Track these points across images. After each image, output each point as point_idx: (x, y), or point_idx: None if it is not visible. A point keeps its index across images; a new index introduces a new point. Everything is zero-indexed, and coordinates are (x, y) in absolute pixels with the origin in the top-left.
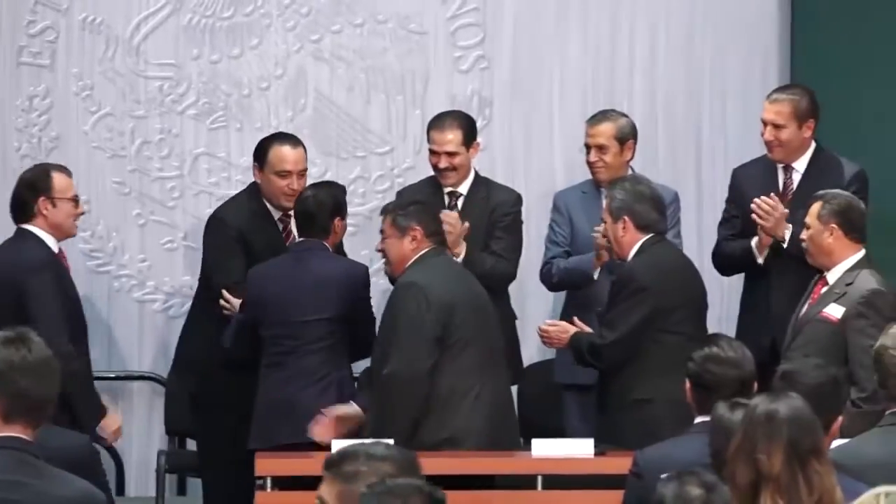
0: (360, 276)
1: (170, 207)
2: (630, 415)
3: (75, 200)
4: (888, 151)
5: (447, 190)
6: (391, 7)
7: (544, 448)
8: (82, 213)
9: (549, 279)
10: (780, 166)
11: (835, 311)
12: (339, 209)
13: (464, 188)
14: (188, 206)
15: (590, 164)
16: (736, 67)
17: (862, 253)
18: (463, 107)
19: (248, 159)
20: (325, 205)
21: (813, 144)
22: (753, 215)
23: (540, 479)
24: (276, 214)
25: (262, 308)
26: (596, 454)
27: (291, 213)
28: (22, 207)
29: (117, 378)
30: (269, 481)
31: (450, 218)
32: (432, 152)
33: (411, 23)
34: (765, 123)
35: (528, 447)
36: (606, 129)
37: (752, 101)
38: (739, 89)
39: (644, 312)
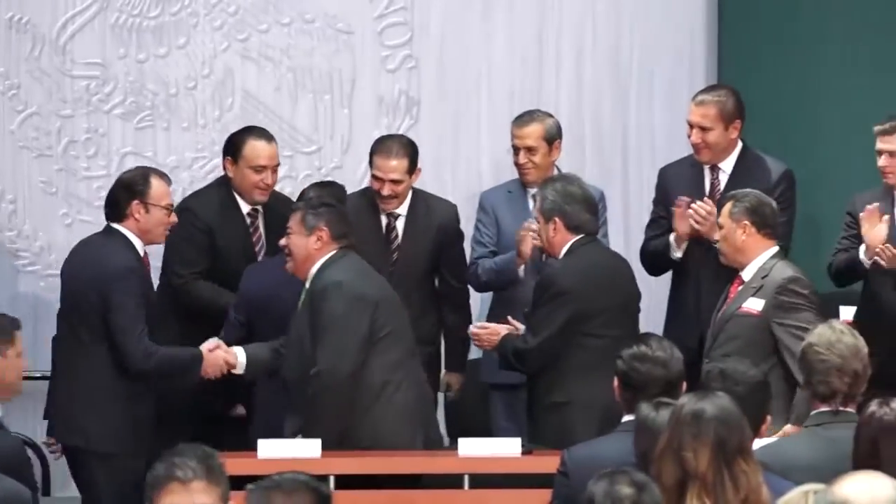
0: None
1: (97, 207)
2: (548, 417)
3: (169, 209)
4: (814, 151)
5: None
6: (318, 6)
7: (471, 447)
8: (174, 223)
9: (477, 280)
10: (706, 167)
11: (754, 304)
12: None
13: (403, 209)
14: None
15: (518, 166)
16: (663, 68)
17: (775, 248)
18: (390, 106)
19: (176, 158)
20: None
21: (739, 144)
22: (690, 220)
23: (467, 478)
24: (245, 209)
25: (254, 307)
26: (523, 453)
27: (261, 208)
28: (115, 206)
29: (43, 378)
30: None
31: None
32: (375, 178)
33: (339, 22)
34: (691, 126)
35: (454, 446)
36: (534, 131)
37: (679, 101)
38: (666, 89)
39: (565, 316)
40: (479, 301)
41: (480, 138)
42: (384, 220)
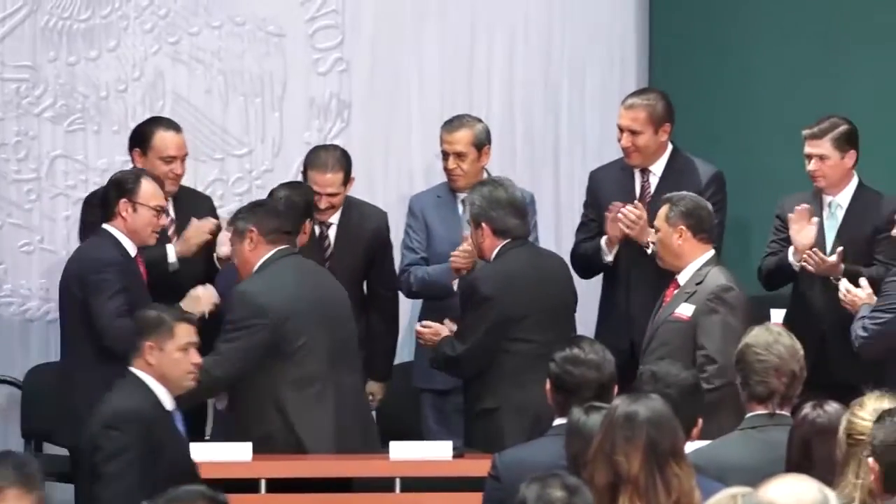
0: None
1: (27, 210)
2: (478, 424)
3: (158, 210)
4: (744, 153)
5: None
6: (249, 9)
7: (402, 451)
8: (164, 226)
9: (408, 287)
10: (637, 170)
11: (686, 310)
12: (309, 211)
13: (335, 217)
14: (45, 209)
15: (447, 171)
16: (594, 70)
17: (711, 253)
18: (321, 109)
19: (106, 161)
20: (298, 206)
21: (669, 147)
22: (620, 224)
23: (398, 481)
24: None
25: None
26: (454, 457)
27: (171, 199)
28: (104, 206)
29: None
30: None
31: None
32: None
33: (269, 25)
34: (621, 129)
35: (386, 450)
36: (464, 136)
37: (611, 103)
38: (597, 92)
39: (490, 322)
40: (409, 307)
41: (412, 141)
42: (317, 228)
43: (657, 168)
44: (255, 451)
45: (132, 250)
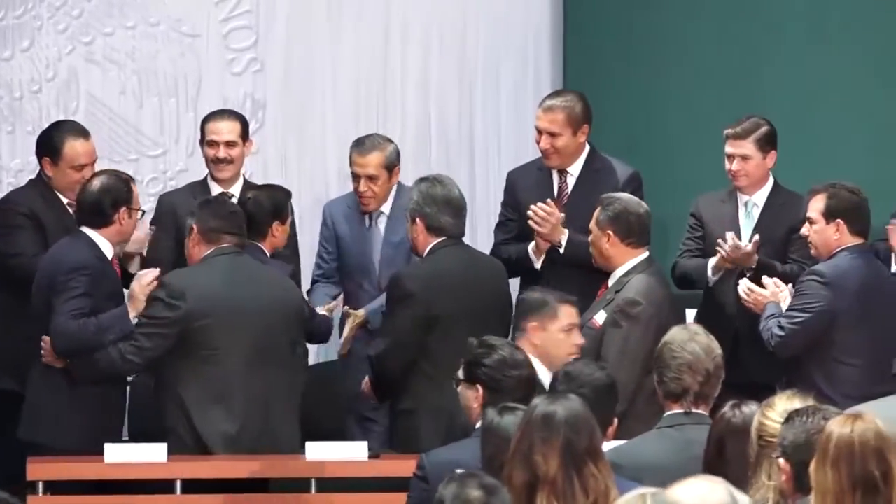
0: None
1: None
2: (397, 424)
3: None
4: (661, 153)
5: (217, 192)
6: (163, 9)
7: (318, 451)
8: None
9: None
10: (554, 170)
11: (600, 317)
12: (279, 213)
13: (235, 189)
14: None
15: (358, 194)
16: (508, 71)
17: (640, 258)
18: (236, 109)
19: (20, 162)
20: (264, 207)
21: (587, 148)
22: (530, 221)
23: (314, 482)
24: (65, 200)
25: None
26: (370, 457)
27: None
28: (98, 213)
29: None
30: (40, 485)
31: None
32: (211, 143)
33: (184, 25)
34: (540, 132)
35: (302, 450)
36: (375, 159)
37: (525, 103)
38: (512, 92)
39: (411, 319)
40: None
41: (326, 141)
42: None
43: (574, 169)
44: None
45: (109, 252)
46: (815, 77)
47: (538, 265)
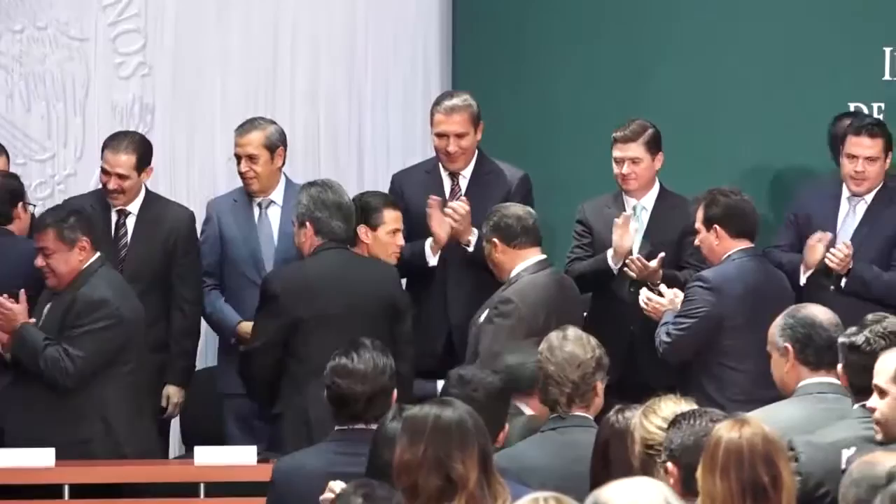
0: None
1: None
2: (272, 429)
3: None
4: (550, 156)
5: (116, 208)
6: (51, 13)
7: (207, 456)
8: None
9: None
10: (444, 173)
11: (483, 315)
12: (17, 196)
13: (134, 207)
14: None
15: (241, 175)
16: (397, 72)
17: (532, 259)
18: (124, 113)
19: None
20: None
21: (476, 151)
22: (447, 219)
23: (202, 486)
24: None
25: None
26: (258, 461)
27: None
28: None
29: None
30: None
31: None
32: (103, 171)
33: (71, 29)
34: (446, 135)
35: (190, 455)
36: (255, 139)
37: (414, 106)
38: (401, 94)
39: (277, 322)
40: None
41: (215, 145)
42: (114, 216)
43: (466, 171)
44: (71, 454)
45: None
46: (702, 79)
47: (434, 262)
